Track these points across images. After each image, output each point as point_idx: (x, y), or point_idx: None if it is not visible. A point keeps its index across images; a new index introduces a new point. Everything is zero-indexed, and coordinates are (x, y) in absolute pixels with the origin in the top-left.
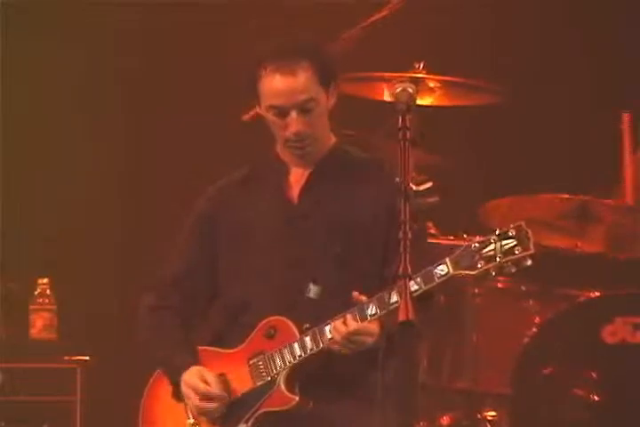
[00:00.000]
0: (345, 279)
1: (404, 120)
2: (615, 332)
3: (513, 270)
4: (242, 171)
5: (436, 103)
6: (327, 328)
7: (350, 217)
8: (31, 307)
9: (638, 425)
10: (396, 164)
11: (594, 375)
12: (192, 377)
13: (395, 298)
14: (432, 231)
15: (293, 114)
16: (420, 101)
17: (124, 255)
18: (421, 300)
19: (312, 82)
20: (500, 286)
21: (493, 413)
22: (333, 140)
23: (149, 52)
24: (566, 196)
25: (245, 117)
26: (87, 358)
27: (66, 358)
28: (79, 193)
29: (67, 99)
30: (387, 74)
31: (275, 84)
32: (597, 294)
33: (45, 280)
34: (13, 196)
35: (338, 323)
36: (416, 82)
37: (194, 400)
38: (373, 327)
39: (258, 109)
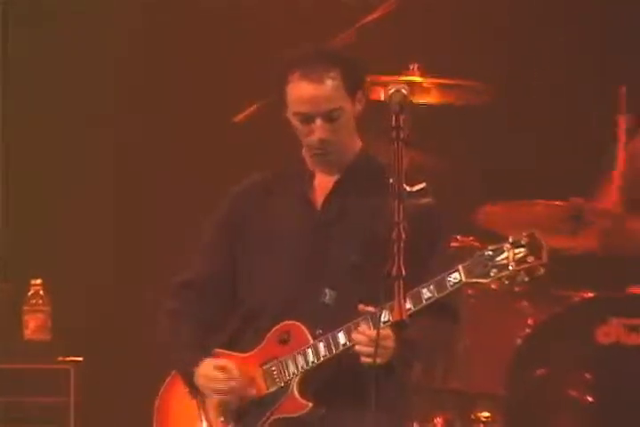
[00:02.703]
0: (362, 287)
1: (397, 120)
2: (609, 333)
3: (526, 279)
4: (265, 173)
5: (429, 101)
6: (341, 335)
7: (372, 226)
8: (24, 308)
9: (632, 426)
10: (389, 164)
11: (588, 376)
12: (205, 368)
13: (408, 305)
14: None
15: (318, 122)
16: (413, 99)
17: (117, 256)
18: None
19: (339, 91)
20: (493, 287)
21: (487, 414)
22: (360, 145)
23: (149, 52)
24: (560, 202)
25: (237, 119)
26: (80, 358)
27: (59, 359)
28: (75, 194)
29: (67, 98)
30: (380, 77)
31: (301, 92)
32: (591, 294)
33: (39, 281)
34: (9, 196)
35: (363, 329)
36: (410, 83)
37: (212, 385)
38: (390, 332)
39: (284, 113)
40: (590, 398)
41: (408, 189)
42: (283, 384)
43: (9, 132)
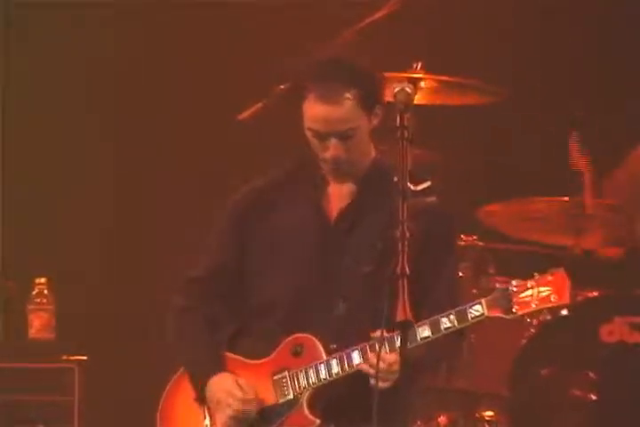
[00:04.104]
0: (375, 299)
1: (401, 119)
2: (613, 332)
3: (548, 317)
4: (278, 172)
5: (433, 102)
6: (355, 354)
7: (385, 237)
8: (29, 307)
9: (636, 425)
10: (395, 163)
11: (592, 375)
12: (227, 382)
13: (426, 333)
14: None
15: (333, 140)
16: (417, 101)
17: (122, 255)
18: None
19: (355, 111)
20: (498, 286)
21: (491, 413)
22: (373, 154)
23: (151, 49)
24: (563, 198)
25: (241, 117)
26: (85, 357)
27: (64, 357)
28: (77, 192)
29: (68, 94)
30: (385, 74)
31: (316, 111)
32: (595, 293)
33: (43, 280)
34: (12, 195)
35: (382, 356)
36: (414, 81)
37: (234, 405)
38: (398, 357)
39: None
40: (594, 397)
41: (413, 187)
42: (292, 396)
43: (9, 129)
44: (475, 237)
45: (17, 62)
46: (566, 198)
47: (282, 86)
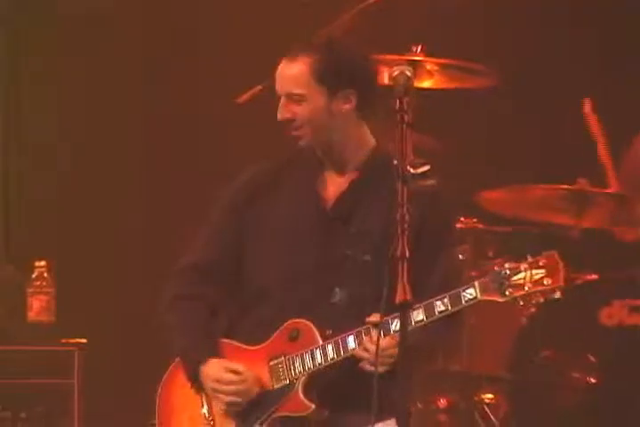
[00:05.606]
0: (371, 288)
1: (401, 103)
2: (613, 315)
3: (541, 300)
4: (277, 160)
5: (433, 86)
6: (351, 339)
7: (383, 226)
8: (29, 290)
9: (635, 408)
10: (394, 147)
11: (591, 358)
12: (216, 370)
13: (420, 316)
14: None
15: (282, 100)
16: (417, 84)
17: (122, 238)
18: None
19: (305, 77)
20: (496, 268)
21: (491, 395)
22: (372, 144)
23: (148, 45)
24: (563, 186)
25: (240, 100)
26: (85, 340)
27: (63, 340)
28: (79, 177)
29: (70, 82)
30: (384, 57)
31: (278, 69)
32: (595, 276)
33: (43, 263)
34: (13, 179)
35: (375, 341)
36: (414, 65)
37: (224, 388)
38: (395, 342)
39: None
40: (594, 380)
41: (412, 171)
42: (288, 382)
43: (10, 127)
44: (475, 220)
45: (17, 62)
46: (565, 186)
47: None
